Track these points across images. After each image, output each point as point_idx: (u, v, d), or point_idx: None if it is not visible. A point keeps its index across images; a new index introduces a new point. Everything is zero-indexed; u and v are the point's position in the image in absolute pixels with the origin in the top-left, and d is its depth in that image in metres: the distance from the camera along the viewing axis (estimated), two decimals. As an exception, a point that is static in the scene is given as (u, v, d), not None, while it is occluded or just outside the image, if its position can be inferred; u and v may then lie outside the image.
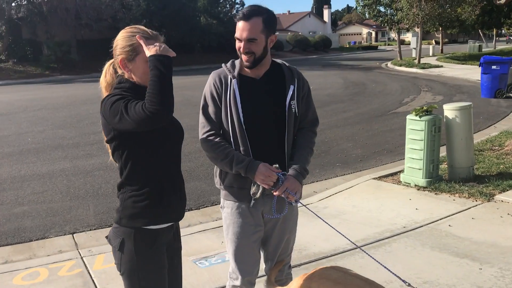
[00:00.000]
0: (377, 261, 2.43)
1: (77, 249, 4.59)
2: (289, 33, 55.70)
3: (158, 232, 2.16)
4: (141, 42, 2.03)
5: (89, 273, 4.02)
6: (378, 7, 32.66)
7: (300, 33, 55.51)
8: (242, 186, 2.50)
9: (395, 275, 2.20)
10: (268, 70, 2.55)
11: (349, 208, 5.26)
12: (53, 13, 30.56)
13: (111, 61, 2.21)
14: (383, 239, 4.35)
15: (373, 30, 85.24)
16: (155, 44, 1.99)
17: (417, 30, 28.15)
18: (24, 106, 15.20)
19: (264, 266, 2.78)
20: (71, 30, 32.13)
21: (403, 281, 2.10)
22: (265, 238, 2.66)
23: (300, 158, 2.55)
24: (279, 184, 2.41)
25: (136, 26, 2.15)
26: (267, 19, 2.41)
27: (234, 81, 2.47)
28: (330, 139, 9.20)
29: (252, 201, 2.50)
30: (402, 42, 36.97)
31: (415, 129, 5.71)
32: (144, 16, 30.83)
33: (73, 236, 5.01)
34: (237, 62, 2.54)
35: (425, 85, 18.10)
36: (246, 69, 2.50)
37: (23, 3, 31.52)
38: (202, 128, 2.52)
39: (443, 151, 6.28)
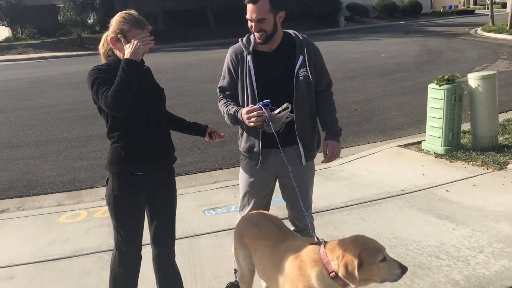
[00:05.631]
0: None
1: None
2: (376, -2, 53.68)
3: (131, 179, 2.63)
4: (122, 40, 2.46)
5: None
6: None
7: (388, -2, 53.26)
8: (251, 148, 2.89)
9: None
10: (280, 43, 2.80)
11: (362, 172, 5.58)
12: (142, -15, 32.25)
13: (107, 32, 2.61)
14: (376, 200, 4.68)
15: (472, -8, 79.15)
16: (132, 42, 2.39)
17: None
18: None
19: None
20: (158, 1, 33.74)
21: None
22: (282, 188, 3.03)
23: (332, 121, 2.90)
24: (265, 118, 2.60)
25: (129, 12, 2.54)
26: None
27: (249, 56, 2.77)
28: (377, 108, 9.32)
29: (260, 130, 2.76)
30: (504, 6, 34.08)
31: (435, 98, 5.81)
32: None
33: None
34: (252, 37, 2.80)
35: (507, 52, 17.04)
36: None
37: (115, -24, 33.57)
38: (219, 93, 2.96)
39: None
